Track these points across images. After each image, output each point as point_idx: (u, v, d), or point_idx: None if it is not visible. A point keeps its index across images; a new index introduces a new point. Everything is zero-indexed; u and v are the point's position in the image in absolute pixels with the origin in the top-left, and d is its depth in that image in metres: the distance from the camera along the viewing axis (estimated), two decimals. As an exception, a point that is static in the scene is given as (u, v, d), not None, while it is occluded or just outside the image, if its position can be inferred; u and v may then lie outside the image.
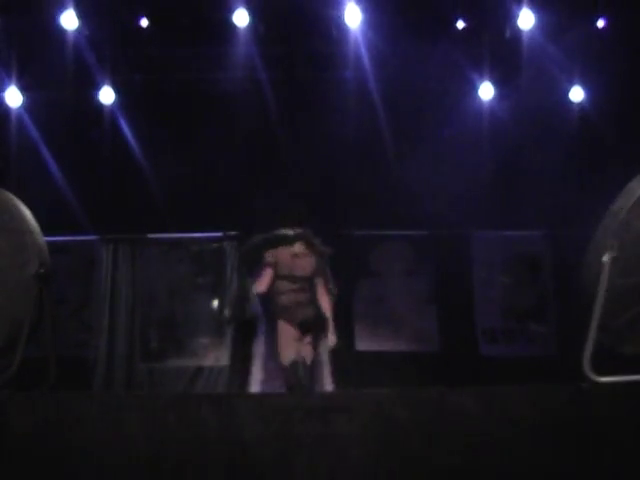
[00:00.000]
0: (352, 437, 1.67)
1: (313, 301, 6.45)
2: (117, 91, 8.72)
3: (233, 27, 8.26)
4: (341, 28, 8.32)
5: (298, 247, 6.61)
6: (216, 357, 8.63)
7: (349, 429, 1.68)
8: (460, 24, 8.45)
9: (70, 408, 1.75)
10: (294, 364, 6.28)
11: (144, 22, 8.43)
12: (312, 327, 6.52)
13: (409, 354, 8.53)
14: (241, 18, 8.18)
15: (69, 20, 7.97)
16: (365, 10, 8.02)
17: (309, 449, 1.65)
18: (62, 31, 8.02)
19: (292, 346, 6.29)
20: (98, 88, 8.64)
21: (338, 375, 8.56)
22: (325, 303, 6.44)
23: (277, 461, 1.64)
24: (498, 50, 8.57)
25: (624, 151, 7.87)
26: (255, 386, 8.54)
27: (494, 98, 8.61)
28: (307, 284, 6.50)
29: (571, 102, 8.52)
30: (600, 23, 8.24)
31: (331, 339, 6.54)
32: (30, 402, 1.73)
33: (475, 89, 8.60)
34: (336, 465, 1.64)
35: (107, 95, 8.65)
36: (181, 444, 1.67)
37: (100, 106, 8.72)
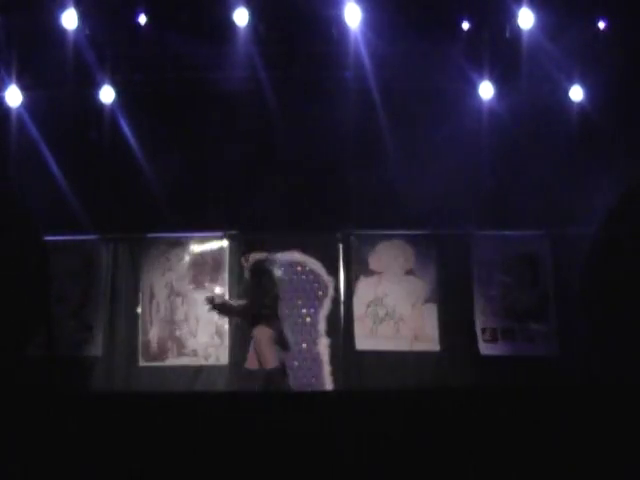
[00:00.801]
0: (352, 436, 1.67)
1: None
2: (117, 91, 8.72)
3: (233, 26, 8.26)
4: (341, 28, 8.32)
5: None
6: (216, 357, 8.64)
7: (349, 428, 1.68)
8: (460, 23, 8.45)
9: (70, 407, 1.75)
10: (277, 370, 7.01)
11: (144, 22, 8.43)
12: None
13: (409, 354, 8.54)
14: (241, 17, 8.18)
15: (69, 19, 7.97)
16: (365, 9, 8.02)
17: (309, 448, 1.65)
18: (62, 30, 8.02)
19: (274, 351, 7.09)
20: (98, 88, 8.64)
21: (338, 374, 8.59)
22: None
23: (277, 460, 1.64)
24: (498, 49, 8.57)
25: (624, 150, 7.88)
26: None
27: (494, 97, 8.60)
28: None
29: (571, 101, 8.52)
30: (601, 25, 8.24)
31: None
32: (30, 400, 1.74)
33: (475, 88, 8.60)
34: (336, 464, 1.64)
35: (107, 95, 8.65)
36: (181, 443, 1.67)
37: (100, 106, 8.72)
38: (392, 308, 8.71)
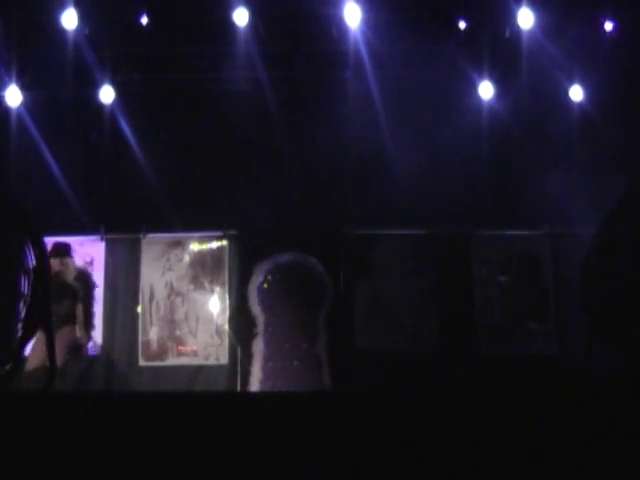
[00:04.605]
0: (351, 436, 1.67)
1: None
2: (117, 91, 8.72)
3: (233, 26, 8.26)
4: (341, 27, 8.32)
5: None
6: (216, 357, 8.65)
7: (348, 428, 1.68)
8: (460, 23, 8.46)
9: (70, 407, 1.75)
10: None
11: (144, 21, 8.43)
12: None
13: (408, 353, 8.54)
14: (241, 17, 8.18)
15: (69, 19, 7.98)
16: (365, 9, 8.02)
17: (308, 448, 1.65)
18: (62, 30, 8.02)
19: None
20: (98, 88, 8.64)
21: (337, 374, 8.58)
22: None
23: (276, 460, 1.64)
24: (498, 49, 8.58)
25: (624, 150, 7.88)
26: (255, 385, 8.56)
27: (494, 97, 8.61)
28: None
29: (571, 101, 8.52)
30: (601, 24, 8.25)
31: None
32: (29, 402, 1.74)
33: (475, 88, 8.60)
34: (335, 464, 1.64)
35: (107, 95, 8.65)
36: (181, 443, 1.67)
37: (100, 106, 8.72)
38: (392, 308, 8.71)
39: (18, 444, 1.63)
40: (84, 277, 8.28)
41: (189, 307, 8.80)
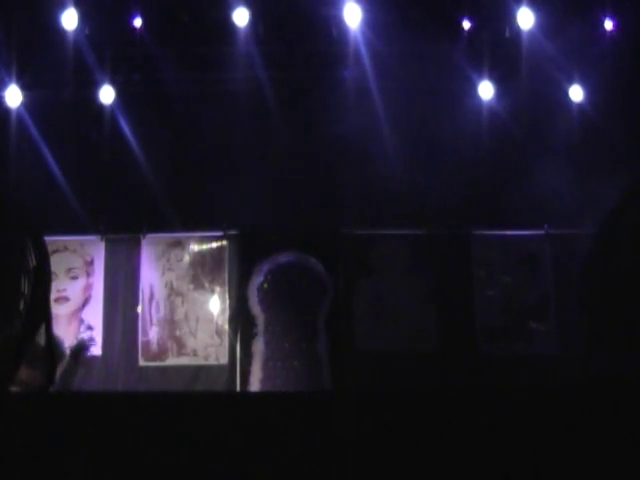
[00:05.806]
0: (351, 437, 1.66)
1: None
2: (117, 91, 8.72)
3: (233, 26, 8.27)
4: (341, 27, 8.32)
5: None
6: (216, 357, 8.65)
7: (348, 428, 1.68)
8: (460, 23, 8.46)
9: (69, 407, 1.75)
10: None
11: (144, 21, 8.44)
12: None
13: (408, 353, 8.54)
14: (241, 17, 8.19)
15: (69, 19, 7.98)
16: (365, 9, 8.02)
17: (308, 449, 1.64)
18: (62, 30, 8.03)
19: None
20: (98, 88, 8.64)
21: (337, 374, 8.59)
22: None
23: (276, 460, 1.64)
24: (498, 49, 8.58)
25: (624, 150, 7.88)
26: (255, 385, 8.56)
27: (494, 97, 8.61)
28: None
29: (571, 101, 8.52)
30: (601, 24, 8.25)
31: None
32: (29, 402, 1.74)
33: (475, 88, 8.60)
34: (335, 465, 1.64)
35: (107, 95, 8.66)
36: (181, 443, 1.67)
37: (100, 106, 8.72)
38: (392, 308, 8.71)
39: (17, 445, 1.63)
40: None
41: (189, 307, 8.80)
